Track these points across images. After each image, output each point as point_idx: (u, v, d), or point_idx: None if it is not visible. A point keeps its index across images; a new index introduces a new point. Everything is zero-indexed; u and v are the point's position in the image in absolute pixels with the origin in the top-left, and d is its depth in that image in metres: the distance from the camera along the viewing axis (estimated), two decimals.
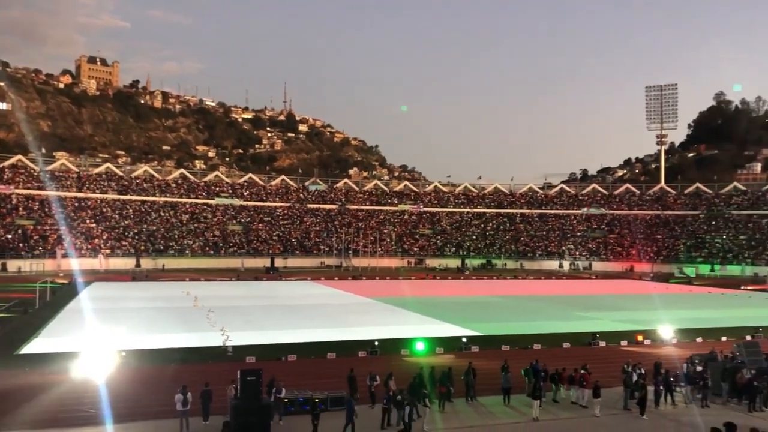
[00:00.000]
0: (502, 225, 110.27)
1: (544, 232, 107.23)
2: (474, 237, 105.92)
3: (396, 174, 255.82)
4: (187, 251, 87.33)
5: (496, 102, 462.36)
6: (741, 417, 18.43)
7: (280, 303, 48.46)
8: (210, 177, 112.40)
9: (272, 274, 76.00)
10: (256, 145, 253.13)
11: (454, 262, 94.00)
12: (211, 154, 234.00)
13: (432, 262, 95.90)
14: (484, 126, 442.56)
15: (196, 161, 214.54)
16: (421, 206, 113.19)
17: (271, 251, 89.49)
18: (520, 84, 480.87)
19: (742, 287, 68.39)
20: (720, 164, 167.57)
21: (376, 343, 29.60)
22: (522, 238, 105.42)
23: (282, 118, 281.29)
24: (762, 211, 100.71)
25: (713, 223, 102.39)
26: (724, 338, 33.51)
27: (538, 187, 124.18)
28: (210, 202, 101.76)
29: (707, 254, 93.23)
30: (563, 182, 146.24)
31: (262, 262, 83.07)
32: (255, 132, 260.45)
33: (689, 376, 22.42)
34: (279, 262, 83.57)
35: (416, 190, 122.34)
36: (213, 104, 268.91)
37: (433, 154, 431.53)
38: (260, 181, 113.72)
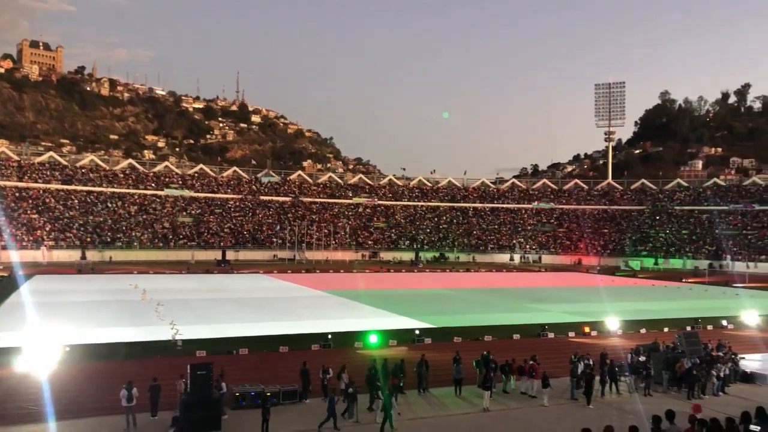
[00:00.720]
0: (455, 218, 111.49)
1: (496, 226, 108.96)
2: (428, 230, 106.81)
3: (350, 167, 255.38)
4: (135, 243, 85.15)
5: (449, 97, 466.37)
6: (680, 404, 19.13)
7: (232, 296, 47.77)
8: (159, 167, 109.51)
9: (223, 267, 74.88)
10: (208, 136, 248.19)
11: (408, 255, 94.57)
12: (160, 144, 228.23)
13: (386, 255, 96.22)
14: (438, 120, 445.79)
15: (145, 151, 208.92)
16: (376, 199, 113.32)
17: (222, 244, 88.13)
18: (473, 80, 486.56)
19: (684, 280, 71.09)
20: (664, 161, 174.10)
21: (330, 336, 29.52)
22: (474, 232, 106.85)
23: (234, 108, 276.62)
24: (702, 206, 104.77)
25: (657, 218, 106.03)
26: (666, 329, 34.75)
27: (491, 182, 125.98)
28: (159, 193, 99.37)
29: (651, 248, 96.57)
30: (515, 177, 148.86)
31: (213, 255, 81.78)
32: (206, 122, 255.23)
33: (633, 366, 23.18)
34: (230, 255, 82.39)
35: (371, 183, 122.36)
36: (163, 93, 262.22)
37: (387, 147, 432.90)
38: (211, 172, 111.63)
